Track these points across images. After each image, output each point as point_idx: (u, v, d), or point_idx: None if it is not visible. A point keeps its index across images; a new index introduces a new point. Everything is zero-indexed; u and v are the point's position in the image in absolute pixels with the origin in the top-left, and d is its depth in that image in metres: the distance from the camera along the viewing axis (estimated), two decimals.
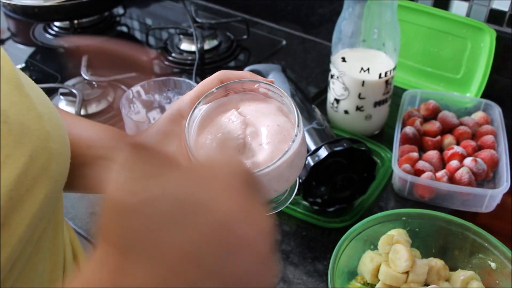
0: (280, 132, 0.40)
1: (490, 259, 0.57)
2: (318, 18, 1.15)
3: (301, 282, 0.63)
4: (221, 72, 0.44)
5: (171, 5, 1.36)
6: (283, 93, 0.41)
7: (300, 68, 1.07)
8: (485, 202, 0.70)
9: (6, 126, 0.32)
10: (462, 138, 0.80)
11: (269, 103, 0.43)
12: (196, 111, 0.42)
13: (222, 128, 0.41)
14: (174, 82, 0.75)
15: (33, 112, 0.36)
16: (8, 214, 0.31)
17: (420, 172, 0.73)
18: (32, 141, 0.34)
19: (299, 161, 0.41)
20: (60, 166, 0.38)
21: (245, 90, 0.44)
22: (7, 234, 0.32)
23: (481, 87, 0.89)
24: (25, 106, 0.35)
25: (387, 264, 0.56)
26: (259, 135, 0.40)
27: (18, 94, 0.36)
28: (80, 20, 1.22)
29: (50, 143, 0.36)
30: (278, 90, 0.42)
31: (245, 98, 0.43)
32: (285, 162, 0.38)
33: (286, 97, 0.41)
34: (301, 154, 0.41)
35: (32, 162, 0.34)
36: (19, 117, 0.34)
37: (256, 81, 0.43)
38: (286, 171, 0.39)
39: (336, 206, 0.70)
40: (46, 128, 0.36)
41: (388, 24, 0.77)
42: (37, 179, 0.34)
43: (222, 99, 0.44)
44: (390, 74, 0.79)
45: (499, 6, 0.89)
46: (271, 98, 0.43)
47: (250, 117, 0.41)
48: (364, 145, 0.67)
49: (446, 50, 0.92)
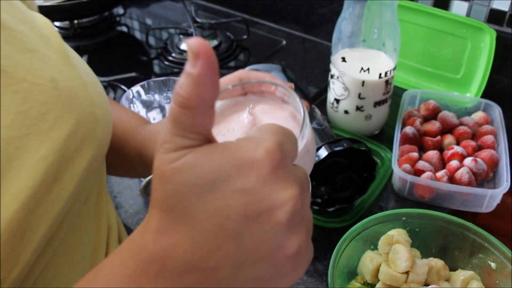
0: None
1: (490, 259, 0.57)
2: (318, 18, 1.15)
3: (301, 282, 0.63)
4: (242, 70, 0.45)
5: (171, 5, 1.36)
6: (295, 98, 0.41)
7: (300, 68, 1.07)
8: (485, 202, 0.70)
9: (56, 91, 0.36)
10: (462, 138, 0.80)
11: (284, 109, 0.43)
12: None
13: (229, 124, 0.41)
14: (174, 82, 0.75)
15: (79, 80, 0.39)
16: (59, 171, 0.34)
17: (420, 172, 0.73)
18: (79, 106, 0.37)
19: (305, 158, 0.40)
20: (104, 131, 0.41)
21: (263, 92, 0.44)
22: (59, 189, 0.34)
23: (481, 87, 0.89)
24: (72, 75, 0.39)
25: (387, 264, 0.56)
26: None
27: (66, 63, 0.39)
28: (80, 20, 1.22)
29: (94, 108, 0.39)
30: (292, 95, 0.41)
31: (262, 100, 0.44)
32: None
33: (298, 103, 0.40)
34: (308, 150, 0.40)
35: (79, 125, 0.37)
36: (67, 84, 0.37)
37: (273, 83, 0.43)
38: None
39: (336, 206, 0.70)
40: (91, 96, 0.39)
41: (388, 24, 0.77)
42: (84, 141, 0.37)
43: (239, 98, 0.44)
44: (390, 74, 0.79)
45: (499, 6, 0.89)
46: (287, 103, 0.43)
47: (260, 118, 0.42)
48: (364, 145, 0.67)
49: (446, 50, 0.92)
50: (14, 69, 0.34)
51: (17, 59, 0.35)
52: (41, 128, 0.34)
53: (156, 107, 0.76)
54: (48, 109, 0.35)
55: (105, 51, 1.18)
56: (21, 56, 0.35)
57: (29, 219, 0.32)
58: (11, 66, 0.34)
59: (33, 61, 0.36)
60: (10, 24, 0.36)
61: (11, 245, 0.31)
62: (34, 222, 0.33)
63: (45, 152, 0.34)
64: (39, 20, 0.41)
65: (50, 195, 0.34)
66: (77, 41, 1.19)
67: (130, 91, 0.72)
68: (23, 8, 0.39)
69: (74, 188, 0.36)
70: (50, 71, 0.37)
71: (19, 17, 0.38)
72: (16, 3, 0.39)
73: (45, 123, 0.34)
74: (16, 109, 0.33)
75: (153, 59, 1.13)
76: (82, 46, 1.19)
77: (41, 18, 0.42)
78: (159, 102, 0.76)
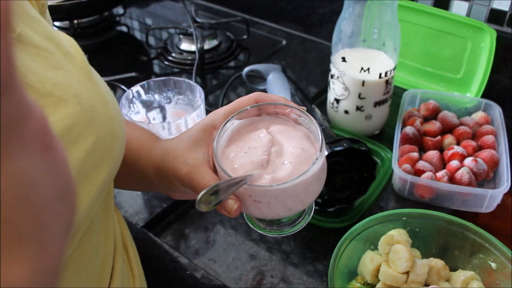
0: (303, 155, 0.43)
1: (490, 259, 0.57)
2: (318, 18, 1.15)
3: (301, 282, 0.63)
4: (257, 93, 0.47)
5: (171, 5, 1.36)
6: (312, 120, 0.44)
7: (300, 68, 1.07)
8: (485, 202, 0.70)
9: (79, 107, 0.36)
10: (462, 138, 0.80)
11: (298, 129, 0.46)
12: (228, 124, 0.45)
13: (249, 143, 0.44)
14: (174, 82, 0.74)
15: (101, 97, 0.40)
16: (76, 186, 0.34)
17: (420, 172, 0.73)
18: (99, 123, 0.38)
19: (316, 186, 0.43)
20: (120, 149, 0.42)
21: (278, 113, 0.47)
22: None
23: (481, 87, 0.89)
24: (94, 92, 0.40)
25: (387, 264, 0.56)
26: (283, 154, 0.43)
27: (89, 81, 0.40)
28: (80, 20, 1.22)
29: (114, 126, 0.40)
30: (308, 117, 0.45)
31: (276, 120, 0.47)
32: (303, 183, 0.41)
33: (314, 125, 0.44)
34: (319, 179, 0.43)
35: (99, 142, 0.37)
36: (90, 101, 0.38)
37: (288, 105, 0.46)
38: (302, 191, 0.42)
39: (336, 206, 0.70)
40: (111, 113, 0.40)
41: (388, 24, 0.77)
42: (102, 158, 0.38)
43: (254, 118, 0.47)
44: (390, 74, 0.79)
45: (499, 6, 0.89)
46: (301, 124, 0.46)
47: (278, 138, 0.44)
48: (364, 145, 0.67)
49: (446, 50, 0.92)
50: (41, 84, 0.35)
51: (44, 75, 0.35)
52: (64, 142, 0.34)
53: (156, 107, 0.75)
54: (73, 123, 0.35)
55: (105, 51, 1.18)
56: (47, 73, 0.36)
57: None
58: (38, 82, 0.34)
59: (59, 78, 0.36)
60: (37, 42, 0.37)
61: None
62: None
63: None
64: (63, 37, 0.42)
65: None
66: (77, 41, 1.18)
67: (130, 91, 0.72)
68: (48, 26, 0.40)
69: (87, 205, 0.36)
70: (74, 87, 0.37)
71: (45, 35, 0.38)
72: (42, 21, 0.40)
73: (68, 138, 0.35)
74: None
75: (153, 59, 1.13)
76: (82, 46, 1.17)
77: (64, 35, 0.43)
78: (159, 102, 0.75)
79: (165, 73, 1.07)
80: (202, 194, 0.37)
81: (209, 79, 1.06)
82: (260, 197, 0.42)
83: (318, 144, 0.43)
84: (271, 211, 0.43)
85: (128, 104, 0.72)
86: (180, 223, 0.72)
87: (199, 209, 0.37)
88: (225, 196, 0.39)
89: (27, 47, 0.36)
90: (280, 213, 0.43)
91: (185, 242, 0.69)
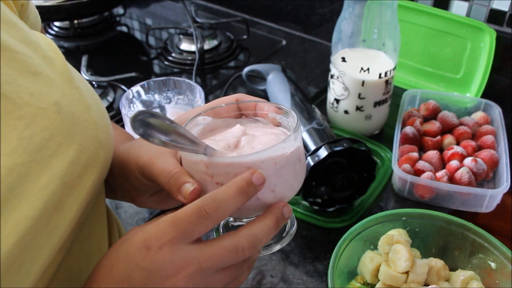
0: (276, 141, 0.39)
1: (490, 259, 0.57)
2: (318, 18, 1.15)
3: (301, 282, 0.63)
4: (239, 94, 0.45)
5: (171, 5, 1.36)
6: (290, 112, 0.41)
7: (300, 68, 1.07)
8: (485, 202, 0.70)
9: (59, 116, 0.35)
10: (462, 138, 0.80)
11: (276, 129, 0.42)
12: (200, 118, 0.42)
13: (221, 136, 0.41)
14: (174, 82, 0.75)
15: (83, 103, 0.38)
16: (61, 199, 0.34)
17: (420, 172, 0.73)
18: (82, 131, 0.37)
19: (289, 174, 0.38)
20: (107, 154, 0.40)
21: (256, 115, 0.44)
22: (59, 217, 0.34)
23: (481, 87, 0.89)
24: (75, 98, 0.38)
25: (387, 264, 0.56)
26: (254, 141, 0.39)
27: (70, 86, 0.38)
28: (80, 20, 1.22)
29: (98, 132, 0.39)
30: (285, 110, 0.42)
31: (253, 122, 0.44)
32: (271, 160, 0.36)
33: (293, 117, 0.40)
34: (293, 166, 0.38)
35: (82, 151, 0.36)
36: (71, 108, 0.37)
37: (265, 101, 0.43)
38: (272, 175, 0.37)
39: (336, 206, 0.70)
40: (94, 118, 0.39)
41: (388, 24, 0.77)
42: (87, 166, 0.37)
43: (231, 120, 0.44)
44: (390, 74, 0.79)
45: (499, 6, 0.89)
46: (279, 127, 0.43)
47: (252, 133, 0.41)
48: (364, 145, 0.67)
49: (446, 50, 0.92)
50: (17, 95, 0.33)
51: (20, 83, 0.34)
52: (44, 155, 0.33)
53: (156, 107, 0.76)
54: (51, 135, 0.34)
55: (105, 51, 1.18)
56: (24, 80, 0.34)
57: (28, 251, 0.31)
58: (14, 92, 0.33)
59: (37, 85, 0.35)
60: (14, 47, 0.35)
61: (8, 278, 0.30)
62: (32, 253, 0.32)
63: (47, 180, 0.33)
64: (42, 40, 0.40)
65: (50, 224, 0.33)
66: (77, 41, 1.19)
67: (130, 91, 0.72)
68: (25, 29, 0.38)
69: (74, 214, 0.35)
70: (54, 94, 0.36)
71: (22, 38, 0.37)
72: (19, 24, 0.38)
73: (47, 150, 0.33)
74: (19, 135, 0.32)
75: (153, 59, 1.13)
76: (82, 46, 1.19)
77: (44, 39, 0.40)
78: (159, 102, 0.76)
79: (165, 73, 1.07)
80: (141, 111, 0.33)
81: (209, 79, 1.06)
82: (223, 177, 0.37)
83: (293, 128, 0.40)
84: None
85: (128, 104, 0.72)
86: None
87: (133, 129, 0.32)
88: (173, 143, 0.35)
89: (4, 52, 0.34)
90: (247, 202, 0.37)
91: None
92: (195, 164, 0.38)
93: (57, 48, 0.40)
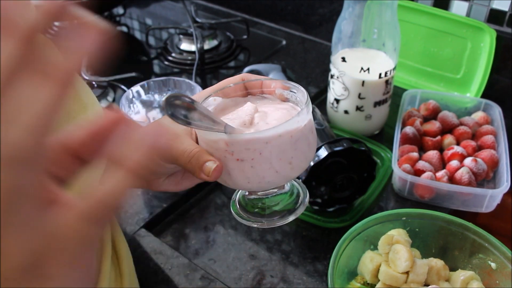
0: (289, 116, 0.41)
1: (490, 259, 0.57)
2: (318, 18, 1.15)
3: (301, 282, 0.63)
4: (244, 73, 0.46)
5: (171, 5, 1.36)
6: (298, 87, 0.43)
7: (300, 68, 1.07)
8: (485, 202, 0.70)
9: None
10: (462, 138, 0.80)
11: (284, 104, 0.44)
12: (211, 99, 0.44)
13: (234, 114, 0.43)
14: (174, 82, 0.75)
15: (78, 102, 0.39)
16: None
17: (420, 172, 0.73)
18: None
19: (304, 146, 0.41)
20: None
21: (263, 92, 0.46)
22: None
23: (481, 87, 0.89)
24: (71, 97, 0.38)
25: (387, 264, 0.56)
26: (267, 117, 0.41)
27: None
28: None
29: None
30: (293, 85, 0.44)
31: (261, 100, 0.45)
32: (288, 134, 0.39)
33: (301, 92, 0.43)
34: (307, 138, 0.41)
35: None
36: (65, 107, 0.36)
37: (272, 79, 0.45)
38: (288, 147, 0.39)
39: (336, 206, 0.70)
40: (90, 118, 0.39)
41: (388, 24, 0.77)
42: None
43: (240, 99, 0.45)
44: (390, 74, 0.79)
45: (499, 6, 0.89)
46: (287, 101, 0.45)
47: (263, 109, 0.43)
48: (364, 145, 0.67)
49: (446, 50, 0.92)
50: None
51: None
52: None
53: (156, 107, 0.76)
54: None
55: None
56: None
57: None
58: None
59: None
60: None
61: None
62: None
63: None
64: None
65: None
66: None
67: (130, 91, 0.72)
68: None
69: None
70: None
71: None
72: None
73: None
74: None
75: (153, 59, 1.13)
76: None
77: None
78: (159, 102, 0.76)
79: (165, 73, 1.07)
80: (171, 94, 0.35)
81: (209, 79, 1.06)
82: (243, 153, 0.39)
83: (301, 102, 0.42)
84: (256, 174, 0.40)
85: (128, 104, 0.72)
86: (180, 223, 0.72)
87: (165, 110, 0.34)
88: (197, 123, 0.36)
89: None
90: (267, 176, 0.40)
91: (185, 242, 0.69)
92: (215, 142, 0.40)
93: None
